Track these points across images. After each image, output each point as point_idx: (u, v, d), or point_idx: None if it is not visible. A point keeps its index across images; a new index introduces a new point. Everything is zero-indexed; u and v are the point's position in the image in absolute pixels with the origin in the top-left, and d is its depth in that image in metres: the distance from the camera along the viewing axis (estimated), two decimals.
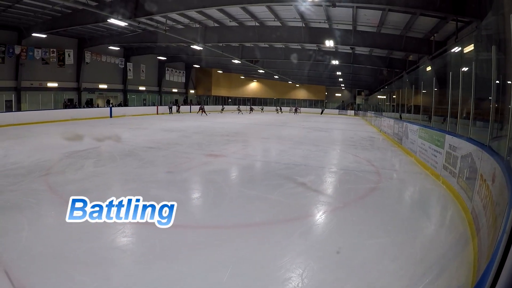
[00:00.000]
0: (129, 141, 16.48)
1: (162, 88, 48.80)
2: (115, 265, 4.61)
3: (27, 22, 27.33)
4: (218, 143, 16.16)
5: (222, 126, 25.31)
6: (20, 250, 5.00)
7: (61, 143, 15.48)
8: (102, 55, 36.14)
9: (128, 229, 5.76)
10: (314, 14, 20.09)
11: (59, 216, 6.36)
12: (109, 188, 8.85)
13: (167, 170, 10.42)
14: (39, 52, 30.57)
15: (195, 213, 6.91)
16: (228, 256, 4.72)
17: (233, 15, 22.77)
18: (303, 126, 27.55)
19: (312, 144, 16.31)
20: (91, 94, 38.64)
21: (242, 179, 9.86)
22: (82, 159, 11.94)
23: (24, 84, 30.84)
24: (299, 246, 4.99)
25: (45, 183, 8.87)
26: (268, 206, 6.94)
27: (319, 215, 6.40)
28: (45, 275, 4.31)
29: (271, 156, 13.83)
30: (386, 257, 4.61)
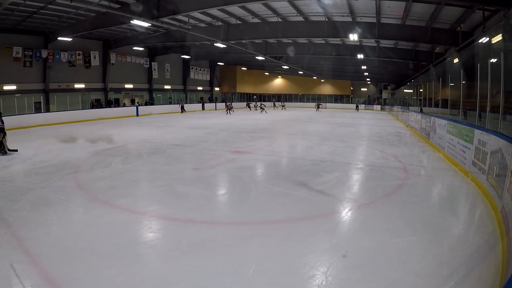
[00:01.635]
0: (156, 139, 16.77)
1: (187, 87, 49.06)
2: (142, 260, 4.67)
3: (52, 27, 27.96)
4: (244, 140, 16.23)
5: (248, 123, 25.33)
6: (50, 244, 5.17)
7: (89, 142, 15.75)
8: (127, 56, 36.58)
9: (154, 225, 5.92)
10: (336, 8, 19.78)
11: (88, 212, 6.65)
12: (137, 185, 9.00)
13: (194, 167, 10.54)
14: (65, 55, 31.19)
15: (221, 209, 7.01)
16: (253, 252, 4.75)
17: (255, 12, 22.66)
18: (329, 122, 27.38)
19: (338, 140, 16.19)
20: (117, 94, 39.24)
21: (268, 175, 9.85)
22: (110, 157, 12.24)
23: (52, 86, 31.59)
24: (324, 244, 4.96)
25: (74, 180, 9.12)
26: (293, 202, 6.94)
27: (345, 212, 6.36)
28: (73, 268, 4.42)
29: (297, 152, 13.78)
30: (412, 257, 4.53)
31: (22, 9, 22.53)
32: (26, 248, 5.06)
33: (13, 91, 28.82)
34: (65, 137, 17.13)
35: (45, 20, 26.09)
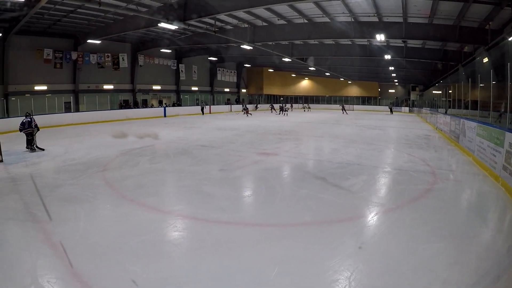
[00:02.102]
0: (183, 140, 16.97)
1: (214, 88, 49.38)
2: (166, 258, 4.75)
3: (82, 30, 28.68)
4: (270, 142, 16.27)
5: (275, 125, 25.35)
6: (77, 239, 5.32)
7: (117, 141, 16.09)
8: (154, 58, 37.07)
9: (180, 224, 6.02)
10: (362, 8, 19.58)
11: (115, 209, 6.80)
12: (164, 184, 9.18)
13: (220, 168, 10.61)
14: (94, 57, 31.97)
15: (246, 210, 7.05)
16: (277, 254, 4.76)
17: (281, 13, 22.59)
18: (356, 124, 27.13)
19: (365, 142, 16.03)
20: (145, 95, 39.85)
21: (294, 177, 9.86)
22: (137, 156, 12.49)
23: (82, 87, 32.40)
24: (349, 248, 4.94)
25: (102, 178, 9.36)
26: (319, 205, 6.92)
27: (371, 216, 6.31)
28: (99, 263, 4.55)
29: (324, 154, 13.73)
30: (439, 264, 4.45)
31: (53, 13, 23.18)
32: (53, 242, 5.24)
33: (44, 91, 29.73)
34: (118, 133, 17.58)
35: (74, 24, 26.83)
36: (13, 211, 6.74)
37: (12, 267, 4.51)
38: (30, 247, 5.14)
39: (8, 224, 6.14)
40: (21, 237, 5.61)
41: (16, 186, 8.78)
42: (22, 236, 5.64)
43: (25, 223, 6.12)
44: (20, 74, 28.22)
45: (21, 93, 28.13)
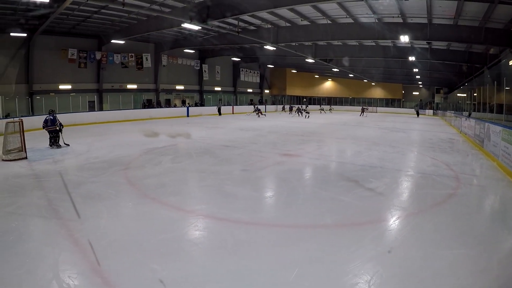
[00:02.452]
0: (206, 140, 17.08)
1: (237, 89, 49.58)
2: (186, 257, 4.80)
3: (105, 30, 29.18)
4: (293, 143, 16.24)
5: (297, 126, 25.25)
6: (98, 236, 5.42)
7: (140, 140, 16.39)
8: (178, 58, 37.37)
9: (201, 223, 6.07)
10: (386, 9, 19.30)
11: (136, 207, 6.89)
12: (186, 183, 9.25)
13: (242, 168, 10.66)
14: (118, 57, 32.52)
15: (268, 211, 7.05)
16: (297, 256, 4.76)
17: (304, 14, 22.46)
18: (379, 127, 26.86)
19: (388, 145, 15.86)
20: (168, 94, 40.26)
21: (316, 179, 9.83)
22: (160, 155, 12.60)
23: (106, 86, 32.98)
24: (370, 252, 4.89)
25: (125, 176, 9.48)
26: (341, 208, 6.90)
27: (393, 220, 6.25)
28: (119, 259, 4.62)
29: (346, 157, 13.67)
30: (460, 271, 4.40)
31: (77, 13, 23.61)
32: (75, 238, 5.35)
33: (68, 90, 30.39)
34: (149, 132, 17.88)
35: (98, 24, 27.33)
36: (36, 207, 6.89)
37: (35, 261, 4.61)
38: (53, 242, 5.26)
39: (31, 219, 6.29)
40: (44, 232, 5.74)
41: (39, 182, 8.98)
42: (45, 231, 5.78)
43: (48, 219, 6.26)
44: (45, 73, 28.89)
45: (45, 92, 28.75)
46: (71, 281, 4.12)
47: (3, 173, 10.05)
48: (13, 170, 10.38)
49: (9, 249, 5.01)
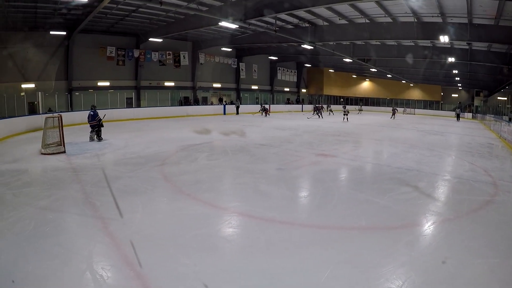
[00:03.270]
0: (242, 138, 17.17)
1: (274, 87, 49.42)
2: (218, 253, 4.86)
3: (143, 28, 29.68)
4: (329, 143, 16.13)
5: (334, 126, 24.98)
6: (133, 230, 5.56)
7: (176, 136, 16.62)
8: (215, 56, 37.53)
9: (234, 221, 6.12)
10: (426, 8, 18.81)
11: (171, 203, 7.01)
12: (221, 180, 9.32)
13: (278, 167, 10.66)
14: (156, 54, 32.96)
15: (302, 211, 7.04)
16: (330, 257, 4.74)
17: (342, 13, 22.21)
18: (417, 129, 26.30)
19: (426, 148, 15.50)
20: (205, 92, 40.64)
21: (351, 180, 9.74)
22: (196, 152, 12.79)
23: (143, 83, 33.59)
24: (403, 256, 4.82)
25: (161, 172, 9.63)
26: (375, 210, 6.82)
27: (428, 225, 6.12)
28: (152, 254, 4.70)
29: (383, 158, 13.44)
30: (493, 280, 4.28)
31: (115, 12, 24.14)
32: (110, 231, 5.49)
33: (107, 87, 31.11)
34: (155, 131, 18.06)
35: (136, 23, 27.82)
36: (73, 200, 7.11)
37: (70, 252, 4.78)
38: (88, 234, 5.41)
39: (68, 212, 6.50)
40: (80, 225, 5.91)
41: (77, 176, 9.22)
42: (81, 224, 5.95)
43: (84, 211, 6.44)
44: (84, 70, 29.71)
45: (84, 88, 29.58)
46: (104, 273, 4.23)
47: (41, 166, 10.41)
48: (51, 164, 10.71)
49: (46, 239, 5.19)
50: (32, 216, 6.13)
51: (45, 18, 23.83)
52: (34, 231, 5.51)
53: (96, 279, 4.12)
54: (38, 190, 7.99)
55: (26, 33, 25.34)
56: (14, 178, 8.96)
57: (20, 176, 9.28)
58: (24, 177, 9.25)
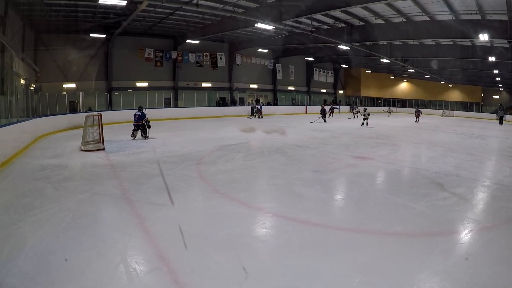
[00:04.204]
0: (278, 139, 17.14)
1: (310, 88, 49.22)
2: (251, 253, 4.85)
3: (181, 31, 30.36)
4: (366, 146, 15.89)
5: (371, 128, 24.64)
6: (168, 226, 5.67)
7: (213, 136, 16.85)
8: (251, 57, 37.87)
9: (268, 221, 6.13)
10: (464, 5, 18.40)
11: (206, 201, 7.09)
12: (256, 181, 9.39)
13: (314, 169, 10.60)
14: (193, 56, 33.58)
15: (337, 214, 6.98)
16: (363, 262, 4.65)
17: (378, 12, 22.02)
18: (456, 132, 25.68)
19: (465, 152, 15.02)
20: (242, 93, 40.87)
21: (388, 184, 9.55)
22: (232, 152, 12.89)
23: (181, 84, 34.22)
24: (438, 264, 4.65)
25: (197, 171, 9.77)
26: (412, 216, 6.66)
27: (465, 233, 5.89)
28: (185, 250, 4.79)
29: (421, 162, 13.09)
30: None
31: (153, 15, 24.88)
32: (146, 226, 5.62)
33: (145, 87, 31.92)
34: (192, 131, 18.29)
35: (174, 25, 28.53)
36: (111, 195, 7.33)
37: (106, 245, 4.92)
38: (124, 229, 5.56)
39: (105, 206, 6.74)
40: (117, 219, 6.10)
41: (115, 172, 9.46)
42: (117, 218, 6.14)
43: (121, 206, 6.63)
44: (123, 71, 30.62)
45: (123, 88, 30.47)
46: (137, 266, 4.33)
47: (81, 162, 10.75)
48: (90, 160, 11.05)
49: (83, 231, 5.37)
50: (70, 208, 6.35)
51: (85, 22, 24.70)
52: (73, 223, 5.71)
53: (129, 272, 4.22)
54: (77, 185, 8.26)
55: (67, 36, 26.35)
56: (55, 173, 9.33)
57: (61, 171, 9.65)
58: (64, 172, 9.61)
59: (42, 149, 13.31)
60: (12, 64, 18.04)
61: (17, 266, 4.29)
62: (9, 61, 17.45)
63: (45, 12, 20.95)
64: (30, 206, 6.52)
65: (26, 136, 13.92)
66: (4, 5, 16.09)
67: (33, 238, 5.10)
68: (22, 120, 14.31)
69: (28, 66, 23.12)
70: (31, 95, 18.51)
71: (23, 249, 4.72)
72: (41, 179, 8.68)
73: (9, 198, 7.10)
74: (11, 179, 8.77)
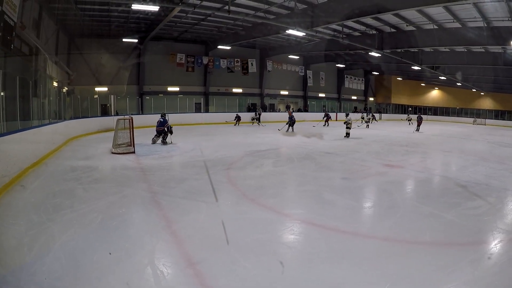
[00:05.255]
0: (308, 145, 17.12)
1: (341, 95, 48.99)
2: (279, 259, 4.81)
3: (212, 36, 30.66)
4: (396, 153, 15.71)
5: (402, 136, 24.29)
6: (196, 229, 5.76)
7: (244, 142, 16.92)
8: (282, 64, 37.86)
9: (297, 228, 6.09)
10: (496, 11, 17.92)
11: (235, 206, 7.11)
12: (285, 187, 9.32)
13: (343, 176, 10.57)
14: (224, 62, 33.76)
15: (366, 221, 6.94)
16: (391, 271, 4.61)
17: (409, 19, 21.83)
18: (487, 140, 25.11)
19: (497, 161, 14.63)
20: (273, 99, 41.07)
21: (417, 193, 9.41)
22: (262, 158, 12.90)
23: (212, 89, 34.56)
24: (467, 275, 4.56)
25: (226, 176, 9.83)
26: (441, 225, 6.52)
27: (494, 243, 5.74)
28: (212, 253, 4.82)
29: (451, 171, 12.89)
30: None
31: (185, 21, 25.26)
32: (174, 229, 5.70)
33: (176, 92, 32.37)
34: (223, 136, 18.43)
35: (205, 31, 28.86)
36: (140, 198, 7.46)
37: (134, 246, 5.01)
38: (152, 231, 5.64)
39: (135, 208, 6.86)
40: (145, 221, 6.19)
41: (145, 175, 9.61)
42: (146, 220, 6.23)
43: (150, 209, 6.74)
44: (155, 75, 31.18)
45: (155, 93, 31.00)
46: (164, 269, 4.39)
47: (111, 165, 10.97)
48: (121, 163, 11.26)
49: (113, 232, 5.49)
50: (100, 210, 6.51)
51: (118, 26, 25.31)
52: (102, 224, 5.85)
53: (157, 274, 4.29)
54: (107, 187, 8.47)
55: (100, 40, 27.03)
56: (85, 174, 9.57)
57: (91, 172, 9.90)
58: (94, 173, 9.85)
59: (73, 151, 13.68)
60: (46, 67, 18.54)
61: (45, 265, 4.41)
62: (42, 64, 17.94)
63: (78, 17, 21.53)
64: (60, 206, 6.70)
65: (58, 138, 14.29)
66: (39, 9, 16.54)
67: (62, 237, 5.24)
68: (54, 121, 14.70)
69: (61, 69, 23.77)
70: (63, 98, 18.96)
71: (52, 249, 4.85)
72: (72, 180, 8.92)
73: (40, 198, 7.32)
74: (42, 179, 9.02)
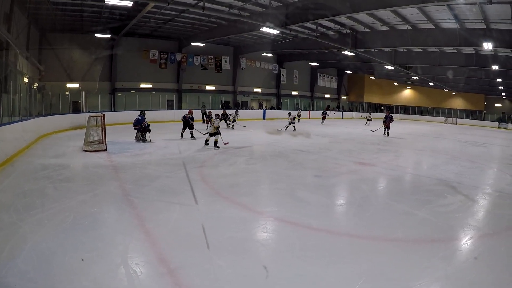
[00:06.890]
0: (280, 143, 17.22)
1: (314, 94, 49.33)
2: (252, 257, 4.87)
3: (186, 33, 30.40)
4: (368, 152, 15.94)
5: (374, 134, 24.52)
6: (169, 228, 5.72)
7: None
8: (256, 61, 37.91)
9: (270, 226, 6.12)
10: (469, 14, 18.28)
11: (208, 205, 7.07)
12: (258, 185, 9.38)
13: (316, 174, 10.66)
14: (198, 58, 33.58)
15: (339, 219, 7.01)
16: (363, 267, 4.67)
17: (383, 19, 22.00)
18: (459, 139, 25.64)
19: (467, 160, 14.99)
20: (246, 97, 40.99)
21: (389, 191, 9.59)
22: (235, 156, 12.91)
23: (185, 86, 34.41)
24: (438, 271, 4.65)
25: (199, 174, 9.80)
26: (413, 222, 6.68)
27: (465, 240, 5.90)
28: (187, 253, 4.80)
29: (422, 169, 13.19)
30: None
31: (158, 17, 24.96)
32: (147, 229, 5.64)
33: (149, 89, 32.16)
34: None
35: (179, 27, 28.53)
36: (112, 196, 7.37)
37: (106, 246, 4.94)
38: (125, 230, 5.58)
39: (107, 207, 6.73)
40: (117, 220, 6.11)
41: (117, 173, 9.50)
42: (118, 220, 6.15)
43: (122, 208, 6.64)
44: (127, 72, 30.75)
45: (127, 89, 30.71)
46: (138, 268, 4.34)
47: (83, 163, 10.81)
48: (92, 160, 11.10)
49: (85, 232, 5.38)
50: (71, 209, 6.37)
51: (90, 22, 24.84)
52: (73, 223, 5.72)
53: (130, 274, 4.23)
54: (78, 185, 8.32)
55: (72, 35, 26.50)
56: (56, 172, 9.36)
57: (62, 170, 9.68)
58: (66, 172, 9.64)
59: (44, 149, 13.35)
60: (16, 62, 18.09)
61: (17, 266, 4.30)
62: (13, 59, 17.50)
63: (50, 11, 20.99)
64: (31, 205, 6.53)
65: (29, 135, 13.90)
66: (10, 3, 16.08)
67: (34, 238, 5.12)
68: (25, 118, 14.35)
69: (32, 65, 23.12)
70: (34, 94, 18.56)
71: (24, 249, 4.73)
72: (43, 179, 8.70)
73: (10, 197, 7.12)
74: (12, 178, 8.78)
